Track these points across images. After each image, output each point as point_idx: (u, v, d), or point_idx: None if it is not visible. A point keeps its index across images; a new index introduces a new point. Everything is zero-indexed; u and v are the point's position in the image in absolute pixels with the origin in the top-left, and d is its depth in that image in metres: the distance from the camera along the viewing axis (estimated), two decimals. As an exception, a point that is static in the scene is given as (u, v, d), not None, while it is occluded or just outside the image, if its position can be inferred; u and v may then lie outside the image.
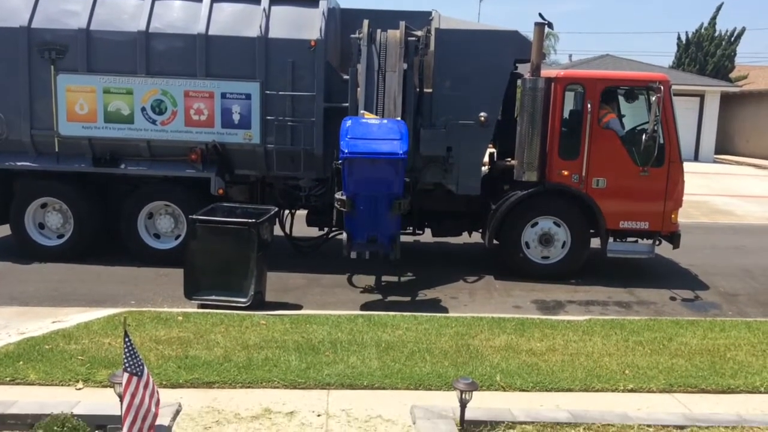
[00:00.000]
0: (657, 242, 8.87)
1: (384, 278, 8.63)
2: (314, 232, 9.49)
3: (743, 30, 34.41)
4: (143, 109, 8.48)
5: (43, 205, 8.89)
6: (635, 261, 9.28)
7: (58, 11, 8.50)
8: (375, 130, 7.44)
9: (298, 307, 7.34)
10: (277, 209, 8.09)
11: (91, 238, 8.93)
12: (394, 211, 7.40)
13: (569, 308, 7.78)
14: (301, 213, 9.42)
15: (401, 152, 7.06)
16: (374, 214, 7.41)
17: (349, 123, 7.45)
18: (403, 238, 9.31)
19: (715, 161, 28.16)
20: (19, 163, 8.72)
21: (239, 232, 6.96)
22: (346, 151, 6.99)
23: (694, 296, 8.44)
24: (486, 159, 9.41)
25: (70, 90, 8.46)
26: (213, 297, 6.98)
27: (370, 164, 7.12)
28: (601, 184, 8.58)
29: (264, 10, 8.50)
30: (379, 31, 8.49)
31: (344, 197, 7.26)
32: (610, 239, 8.78)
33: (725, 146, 30.59)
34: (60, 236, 8.93)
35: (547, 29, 8.85)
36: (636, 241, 9.00)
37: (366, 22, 8.52)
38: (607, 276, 8.95)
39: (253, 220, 6.98)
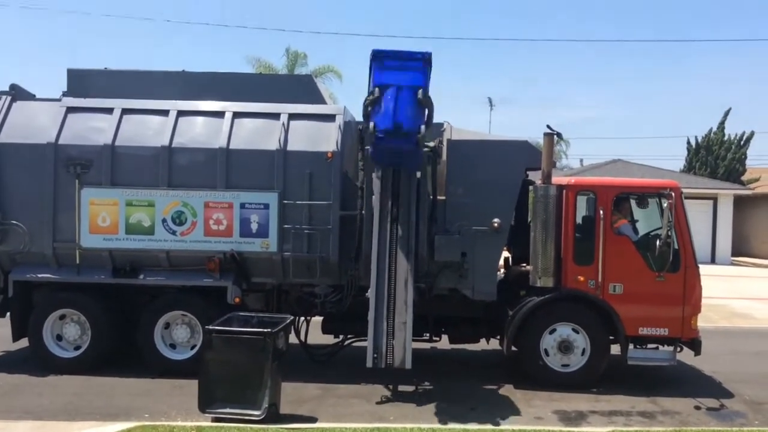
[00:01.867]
0: (678, 349, 8.70)
1: (401, 388, 8.45)
2: (329, 339, 9.41)
3: (752, 134, 35.04)
4: (164, 221, 8.65)
5: (62, 317, 8.91)
6: (657, 368, 9.06)
7: (85, 128, 8.82)
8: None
9: (313, 419, 7.17)
10: (292, 318, 8.05)
11: (107, 349, 8.90)
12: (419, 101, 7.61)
13: (591, 419, 7.54)
14: (317, 320, 9.37)
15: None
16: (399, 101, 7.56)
17: None
18: (420, 345, 9.23)
19: (732, 263, 27.91)
20: (39, 275, 8.82)
21: (254, 342, 6.93)
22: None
23: (719, 405, 8.17)
24: (501, 263, 9.44)
25: (94, 203, 8.66)
26: (227, 410, 6.85)
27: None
28: (617, 289, 8.52)
29: (283, 124, 8.80)
30: (393, 142, 8.70)
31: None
32: (630, 346, 8.62)
33: (742, 248, 30.39)
34: (77, 348, 8.90)
35: (556, 138, 9.08)
36: (656, 348, 8.83)
37: (380, 135, 8.75)
38: (628, 384, 8.72)
39: (269, 330, 6.96)
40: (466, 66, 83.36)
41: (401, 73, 7.77)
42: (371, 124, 7.69)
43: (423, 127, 7.75)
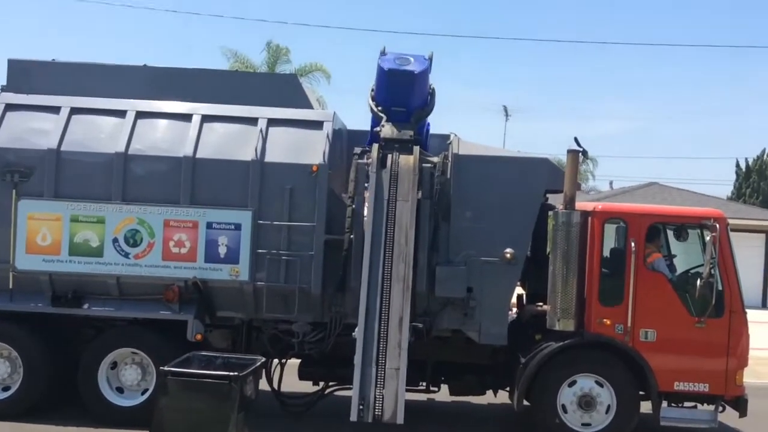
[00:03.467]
0: (720, 408, 8.70)
1: (391, 447, 8.43)
2: (308, 386, 9.39)
3: (813, 156, 35.30)
4: (115, 241, 8.66)
5: (-12, 352, 8.88)
6: (694, 430, 9.05)
7: (26, 129, 8.87)
8: None
9: (286, 482, 7.15)
10: (264, 359, 8.05)
11: (42, 390, 8.84)
12: None
13: (616, 489, 7.53)
14: (293, 363, 9.35)
15: None
16: None
17: None
18: (416, 397, 9.23)
19: (787, 309, 27.99)
20: (-36, 302, 8.80)
21: (218, 387, 6.89)
22: None
23: (767, 477, 8.18)
24: (514, 301, 9.46)
25: (33, 218, 8.67)
26: (183, 469, 6.81)
27: None
28: (650, 336, 8.54)
29: (261, 131, 8.85)
30: (390, 156, 8.79)
31: None
32: (664, 403, 8.62)
33: (798, 291, 30.48)
34: (6, 389, 8.85)
35: (582, 156, 9.14)
36: (695, 407, 8.83)
37: (376, 146, 8.84)
38: (661, 449, 8.72)
39: (235, 374, 6.94)
40: (478, 68, 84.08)
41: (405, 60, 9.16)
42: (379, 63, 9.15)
43: (429, 63, 9.21)
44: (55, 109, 8.97)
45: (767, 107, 76.31)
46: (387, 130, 9.04)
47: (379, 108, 9.28)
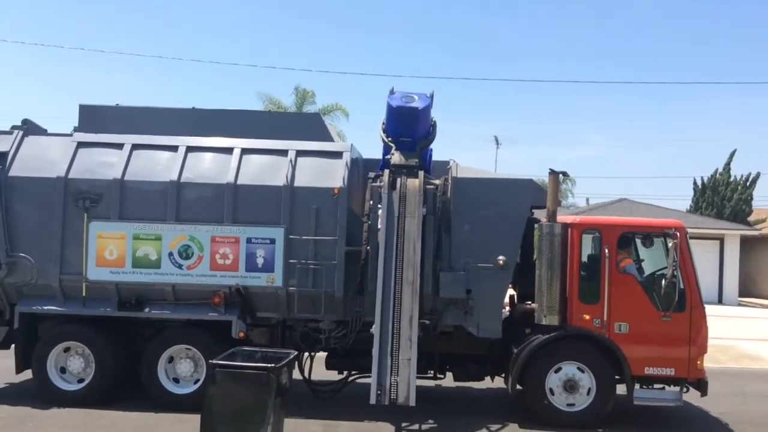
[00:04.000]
0: (685, 389, 8.60)
1: (404, 425, 8.36)
2: (333, 375, 9.35)
3: (758, 175, 34.99)
4: (170, 254, 8.68)
5: (66, 349, 8.89)
6: (663, 409, 8.94)
7: (95, 163, 8.92)
8: None
9: (316, 456, 7.09)
10: (296, 353, 8.01)
11: (111, 382, 8.85)
12: None
13: (597, 459, 7.44)
14: (321, 355, 9.32)
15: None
16: None
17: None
18: (424, 383, 9.16)
19: (739, 304, 27.67)
20: (45, 308, 8.83)
21: (258, 377, 6.86)
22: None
23: (727, 447, 8.05)
24: (506, 301, 9.40)
25: (101, 236, 8.71)
26: (229, 446, 6.76)
27: None
28: (623, 329, 8.46)
29: (291, 161, 8.87)
30: (399, 179, 8.79)
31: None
32: (636, 386, 8.53)
33: (749, 289, 30.18)
34: (80, 381, 8.86)
35: (562, 176, 9.12)
36: (663, 388, 8.72)
37: (387, 172, 8.85)
38: (634, 425, 8.62)
39: (272, 365, 6.91)
40: (472, 105, 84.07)
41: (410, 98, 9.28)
42: (389, 101, 9.24)
43: (430, 101, 9.24)
44: (119, 146, 9.03)
45: (718, 134, 75.77)
46: (396, 158, 9.04)
47: (389, 138, 9.31)
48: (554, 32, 79.38)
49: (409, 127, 9.20)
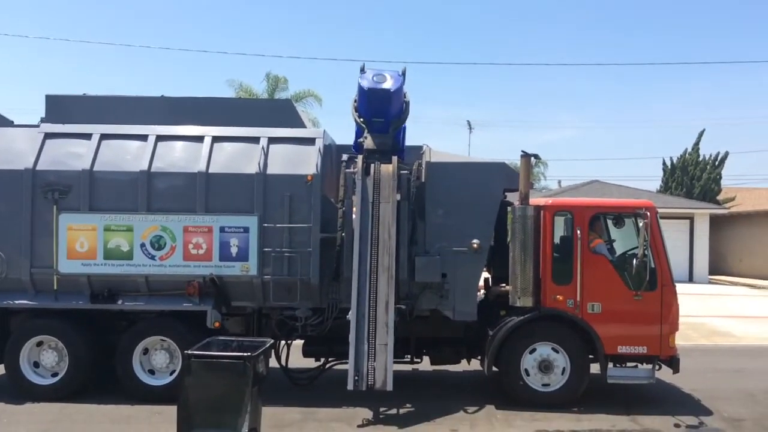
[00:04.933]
0: (657, 367, 8.74)
1: (382, 410, 8.40)
2: (310, 362, 9.36)
3: (726, 154, 35.57)
4: (142, 245, 8.59)
5: (39, 344, 8.77)
6: (636, 386, 9.08)
7: (63, 154, 8.78)
8: None
9: (295, 443, 7.10)
10: (272, 341, 7.99)
11: (85, 376, 8.76)
12: None
13: (572, 438, 7.54)
14: (297, 343, 9.32)
15: None
16: None
17: None
18: (401, 368, 9.20)
19: (709, 282, 28.18)
20: (17, 302, 8.70)
21: (234, 366, 6.83)
22: None
23: (698, 422, 8.20)
24: (481, 284, 9.46)
25: (72, 228, 8.59)
26: (206, 435, 6.74)
27: None
28: (596, 308, 8.56)
29: (263, 148, 8.80)
30: (372, 165, 8.78)
31: None
32: (610, 364, 8.65)
33: (719, 267, 30.72)
34: (54, 374, 8.76)
35: (534, 159, 9.17)
36: (636, 366, 8.86)
37: (360, 157, 8.83)
38: (609, 402, 8.73)
39: (249, 354, 6.89)
40: (445, 89, 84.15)
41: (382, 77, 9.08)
42: (360, 81, 9.02)
43: (402, 78, 9.06)
44: (87, 136, 8.89)
45: (686, 115, 76.78)
46: (369, 142, 9.02)
47: (361, 119, 9.24)
48: (525, 16, 79.60)
49: (382, 108, 9.09)
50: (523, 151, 8.79)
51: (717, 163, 35.40)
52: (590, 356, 8.70)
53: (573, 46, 78.26)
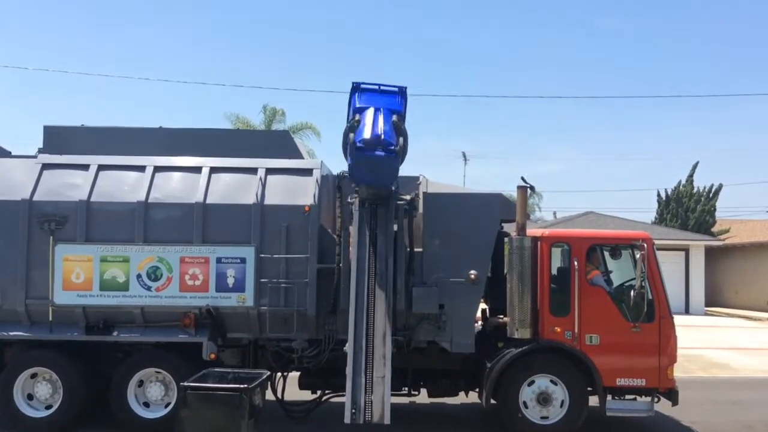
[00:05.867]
0: (656, 399, 8.67)
1: (380, 444, 8.29)
2: (307, 395, 9.26)
3: (720, 186, 35.72)
4: (139, 276, 8.54)
5: (33, 375, 8.66)
6: (636, 419, 9.01)
7: (60, 184, 8.77)
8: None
9: (291, 477, 7.00)
10: (268, 373, 7.94)
11: (80, 408, 8.63)
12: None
13: (572, 471, 7.44)
14: (294, 375, 9.23)
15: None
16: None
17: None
18: (398, 400, 9.10)
19: (706, 314, 28.10)
20: (11, 333, 8.61)
21: (230, 398, 6.78)
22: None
23: (698, 455, 8.13)
24: (479, 315, 9.41)
25: (68, 259, 8.54)
26: (202, 469, 6.65)
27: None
28: (594, 340, 8.51)
29: (260, 179, 8.81)
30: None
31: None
32: (608, 397, 8.58)
33: (715, 298, 30.68)
34: (48, 407, 8.63)
35: (530, 190, 9.20)
36: (634, 399, 8.79)
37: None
38: (608, 435, 8.65)
39: (245, 386, 6.83)
40: (441, 121, 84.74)
41: (379, 96, 8.14)
42: (351, 136, 7.87)
43: (401, 139, 7.95)
44: (85, 167, 8.88)
45: (679, 148, 77.27)
46: (363, 192, 8.64)
47: (353, 177, 8.36)
48: (520, 48, 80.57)
49: (380, 177, 8.25)
50: (522, 179, 8.82)
51: (711, 195, 35.55)
52: (589, 389, 8.62)
53: (567, 79, 79.08)
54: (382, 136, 7.81)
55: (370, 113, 7.95)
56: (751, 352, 17.45)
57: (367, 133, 7.82)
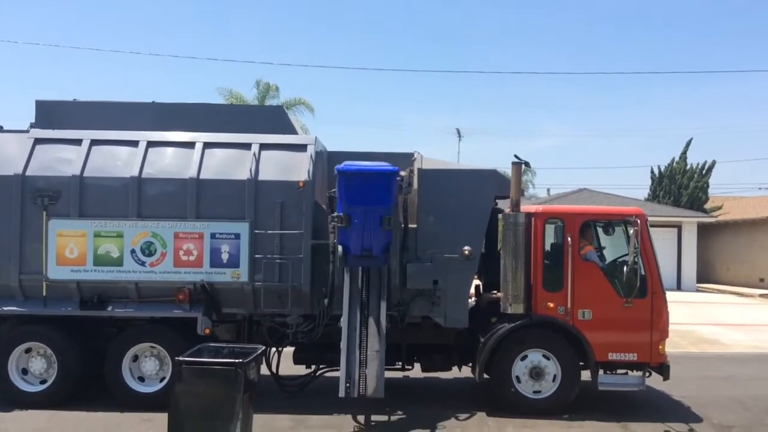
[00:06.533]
0: (647, 374, 8.76)
1: (374, 417, 8.37)
2: (301, 369, 9.32)
3: (713, 163, 35.83)
4: (133, 252, 8.54)
5: (27, 350, 8.68)
6: (627, 393, 9.10)
7: (53, 159, 8.72)
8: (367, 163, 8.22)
9: (286, 450, 7.06)
10: (264, 348, 7.95)
11: (74, 382, 8.68)
12: (384, 227, 7.99)
13: (563, 444, 7.53)
14: (288, 350, 9.27)
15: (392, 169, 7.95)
16: (367, 228, 8.01)
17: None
18: (393, 375, 9.17)
19: (697, 290, 28.32)
20: (5, 308, 8.61)
21: (225, 373, 6.79)
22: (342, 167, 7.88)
23: (688, 429, 8.22)
24: (472, 291, 9.46)
25: (61, 234, 8.53)
26: (197, 443, 6.68)
27: (363, 179, 7.91)
28: (586, 315, 8.57)
29: (254, 154, 8.78)
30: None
31: (341, 214, 7.96)
32: (600, 371, 8.66)
33: (707, 275, 30.90)
34: (43, 381, 8.67)
35: (524, 167, 9.19)
36: (626, 373, 8.86)
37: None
38: (599, 409, 8.73)
39: (240, 361, 6.85)
40: (433, 97, 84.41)
41: (368, 193, 8.00)
42: (340, 248, 8.17)
43: (390, 247, 8.33)
44: (78, 142, 8.83)
45: (673, 123, 77.30)
46: None
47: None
48: (512, 25, 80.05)
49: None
50: (515, 156, 8.81)
51: (704, 171, 35.64)
52: (581, 363, 8.70)
53: (560, 55, 78.78)
54: (372, 250, 8.21)
55: (358, 219, 8.03)
56: (742, 328, 17.62)
57: (357, 249, 8.18)
